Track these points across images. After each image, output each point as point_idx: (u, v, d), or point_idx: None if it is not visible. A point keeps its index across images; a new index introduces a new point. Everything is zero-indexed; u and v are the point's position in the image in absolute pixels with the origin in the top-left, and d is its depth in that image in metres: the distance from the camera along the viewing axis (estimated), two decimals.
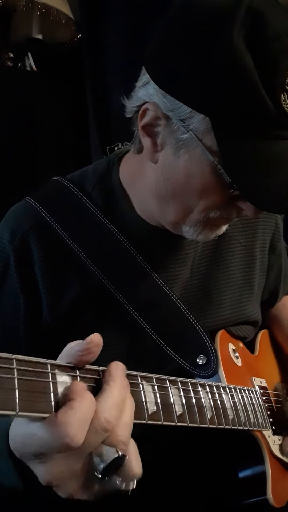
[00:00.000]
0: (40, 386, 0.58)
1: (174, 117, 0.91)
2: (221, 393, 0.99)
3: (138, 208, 1.09)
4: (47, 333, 1.07)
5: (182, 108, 0.89)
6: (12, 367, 0.55)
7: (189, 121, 0.89)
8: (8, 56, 2.34)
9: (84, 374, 0.66)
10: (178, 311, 1.10)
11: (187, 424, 0.84)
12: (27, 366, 0.57)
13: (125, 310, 1.06)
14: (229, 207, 0.97)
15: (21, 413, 0.54)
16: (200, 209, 0.97)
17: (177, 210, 1.00)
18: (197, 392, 0.90)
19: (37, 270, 1.04)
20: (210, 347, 1.09)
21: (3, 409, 0.52)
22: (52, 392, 0.59)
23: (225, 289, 1.19)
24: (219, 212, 0.97)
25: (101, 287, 1.06)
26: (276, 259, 1.32)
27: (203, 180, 0.93)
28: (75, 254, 1.05)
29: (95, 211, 1.08)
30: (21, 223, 1.06)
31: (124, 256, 1.08)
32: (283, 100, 0.83)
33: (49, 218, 1.06)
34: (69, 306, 1.06)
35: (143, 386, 0.76)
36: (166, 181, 0.99)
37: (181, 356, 1.08)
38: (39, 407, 0.57)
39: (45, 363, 0.60)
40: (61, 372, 0.62)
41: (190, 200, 0.97)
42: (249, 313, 1.24)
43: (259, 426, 1.10)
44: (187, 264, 1.15)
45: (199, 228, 1.00)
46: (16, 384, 0.55)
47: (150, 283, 1.09)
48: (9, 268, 1.06)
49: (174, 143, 0.94)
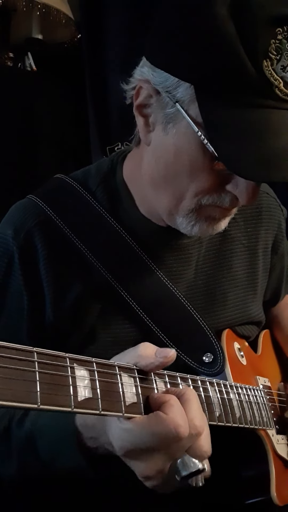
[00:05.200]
0: (60, 380, 0.58)
1: (163, 90, 0.92)
2: (229, 391, 0.99)
3: (141, 206, 1.09)
4: (51, 330, 1.06)
5: (169, 79, 0.90)
6: (34, 360, 0.55)
7: (175, 92, 0.90)
8: (8, 56, 2.34)
9: (100, 369, 0.66)
10: (183, 309, 1.10)
11: None
12: (47, 359, 0.57)
13: (130, 308, 1.06)
14: (221, 193, 0.95)
15: (42, 406, 0.55)
16: (192, 194, 0.96)
17: (169, 196, 0.99)
18: (206, 389, 0.91)
19: (41, 268, 1.04)
20: (217, 345, 1.09)
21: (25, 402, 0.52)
22: (71, 385, 0.59)
23: (230, 290, 1.19)
24: (211, 198, 0.96)
25: (106, 285, 1.06)
26: (278, 259, 1.32)
27: (190, 156, 0.92)
28: (79, 252, 1.05)
29: (99, 209, 1.08)
30: (25, 220, 1.05)
31: (129, 254, 1.08)
32: (266, 67, 0.82)
33: (54, 215, 1.06)
34: (73, 303, 1.05)
35: (156, 383, 0.76)
36: (157, 162, 0.99)
37: (186, 353, 1.08)
38: (59, 401, 0.57)
39: (64, 356, 0.61)
40: (79, 366, 0.62)
41: (181, 183, 0.96)
42: (253, 314, 1.24)
43: (264, 425, 1.10)
44: (191, 265, 1.14)
45: (192, 218, 0.99)
46: (37, 377, 0.55)
47: (155, 280, 1.09)
48: (13, 265, 1.05)
49: (163, 119, 0.94)
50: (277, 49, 0.82)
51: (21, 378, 0.53)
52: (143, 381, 0.75)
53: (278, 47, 0.82)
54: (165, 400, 0.75)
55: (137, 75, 0.98)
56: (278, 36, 0.82)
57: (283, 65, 0.82)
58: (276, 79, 0.82)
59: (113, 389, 0.68)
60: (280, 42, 0.82)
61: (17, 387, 0.52)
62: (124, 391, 0.70)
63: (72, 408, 0.59)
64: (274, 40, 0.82)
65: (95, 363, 0.66)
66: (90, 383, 0.64)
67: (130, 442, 0.73)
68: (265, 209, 1.26)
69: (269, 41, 0.82)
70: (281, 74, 0.82)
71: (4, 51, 2.33)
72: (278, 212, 1.30)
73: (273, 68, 0.82)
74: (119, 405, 0.69)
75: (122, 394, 0.70)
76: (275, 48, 0.82)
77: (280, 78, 0.82)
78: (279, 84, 0.83)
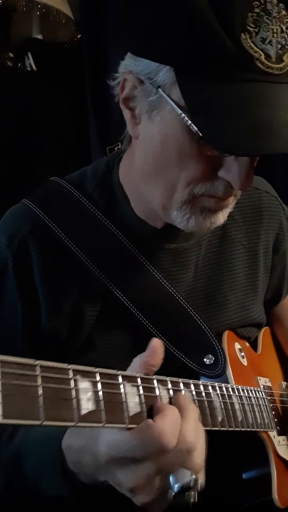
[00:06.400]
0: (63, 394, 0.58)
1: (145, 78, 0.91)
2: (231, 395, 0.99)
3: (136, 207, 1.08)
4: (47, 338, 1.05)
5: (150, 65, 0.89)
6: (36, 374, 0.55)
7: (156, 77, 0.89)
8: (8, 56, 2.34)
9: (103, 380, 0.66)
10: (183, 311, 1.09)
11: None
12: (50, 372, 0.57)
13: (129, 312, 1.05)
14: (213, 180, 0.93)
15: (46, 422, 0.54)
16: (183, 184, 0.94)
17: (161, 189, 0.97)
18: (208, 394, 0.91)
19: (36, 275, 1.02)
20: (218, 347, 1.09)
21: (28, 419, 0.52)
22: (75, 398, 0.59)
23: (230, 293, 1.19)
24: (203, 187, 0.93)
25: (103, 290, 1.05)
26: (279, 259, 1.31)
27: (177, 142, 0.90)
28: (75, 257, 1.03)
29: (96, 213, 1.07)
30: (19, 226, 1.04)
31: (126, 257, 1.07)
32: (244, 40, 0.80)
33: (48, 220, 1.04)
34: (70, 310, 1.04)
35: (159, 390, 0.76)
36: (146, 153, 0.97)
37: (187, 355, 1.07)
38: (63, 416, 0.57)
39: (67, 368, 0.61)
40: (82, 378, 0.62)
41: (171, 173, 0.94)
42: (254, 316, 1.23)
43: (265, 427, 1.10)
44: (190, 268, 1.14)
45: (186, 210, 0.96)
46: (40, 392, 0.54)
47: (153, 283, 1.08)
48: (6, 273, 1.03)
49: (148, 107, 0.93)
50: (255, 22, 0.81)
51: (24, 394, 0.52)
52: (146, 390, 0.74)
53: (256, 20, 0.81)
54: (163, 410, 0.74)
55: (121, 69, 0.97)
56: (255, 9, 0.81)
57: (262, 38, 0.81)
58: (256, 52, 0.81)
59: (116, 400, 0.68)
60: (258, 14, 0.81)
61: (20, 403, 0.51)
62: (128, 401, 0.70)
63: (76, 423, 0.59)
64: (251, 14, 0.81)
65: (98, 374, 0.66)
66: (93, 395, 0.64)
67: (117, 449, 0.71)
68: (265, 209, 1.25)
69: (246, 14, 0.80)
70: (261, 46, 0.81)
71: (4, 51, 2.33)
72: (280, 211, 1.29)
73: (253, 41, 0.80)
74: (123, 416, 0.68)
75: (125, 404, 0.69)
76: (252, 21, 0.81)
77: (261, 50, 0.81)
78: (260, 56, 0.81)
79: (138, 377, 0.75)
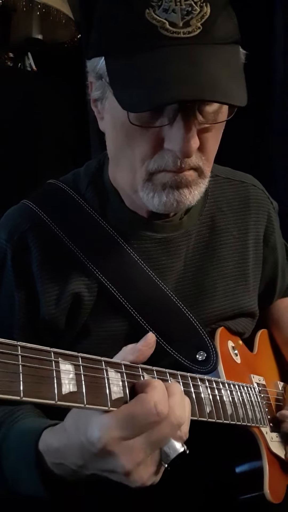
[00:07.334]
0: (43, 373, 0.59)
1: (94, 75, 0.98)
2: (220, 388, 1.00)
3: (126, 200, 1.11)
4: (44, 329, 1.08)
5: (94, 62, 0.96)
6: (17, 354, 0.56)
7: (98, 70, 0.96)
8: (8, 56, 2.35)
9: (86, 364, 0.66)
10: (173, 306, 1.11)
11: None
12: (31, 353, 0.58)
13: (122, 306, 1.08)
14: (162, 154, 0.95)
15: (25, 398, 0.55)
16: (138, 163, 0.97)
17: (126, 172, 1.01)
18: (196, 386, 0.91)
19: (34, 268, 1.06)
20: (210, 343, 1.10)
21: (8, 394, 0.53)
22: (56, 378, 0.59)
23: (219, 281, 1.20)
24: (156, 163, 0.95)
25: (98, 284, 1.08)
26: (270, 252, 1.32)
27: (122, 123, 0.94)
28: (72, 253, 1.07)
29: (89, 211, 1.11)
30: (19, 223, 1.08)
31: (118, 252, 1.10)
32: (148, 13, 0.87)
33: (47, 218, 1.09)
34: (67, 304, 1.07)
35: (144, 378, 0.77)
36: (108, 142, 1.03)
37: (179, 352, 1.09)
38: (43, 394, 0.58)
39: (49, 351, 0.61)
40: (64, 360, 0.63)
41: (127, 155, 0.98)
42: (244, 304, 1.24)
43: (257, 423, 1.10)
44: (180, 257, 1.16)
45: (149, 189, 0.98)
46: (21, 370, 0.55)
47: (143, 277, 1.10)
48: (5, 267, 1.07)
49: (101, 100, 0.99)
50: None
51: (4, 370, 0.53)
52: (130, 377, 0.75)
53: None
54: (150, 383, 0.74)
55: (88, 75, 1.03)
56: None
57: (165, 8, 0.87)
58: (159, 21, 0.87)
59: (99, 384, 0.68)
60: None
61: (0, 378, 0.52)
62: (110, 386, 0.70)
63: (56, 401, 0.59)
64: None
65: (80, 358, 0.66)
66: (75, 377, 0.64)
67: (111, 428, 0.71)
68: (252, 200, 1.27)
69: None
70: (164, 16, 0.87)
71: (4, 51, 2.34)
72: (267, 204, 1.31)
73: (156, 13, 0.87)
74: (105, 399, 0.68)
75: (108, 388, 0.70)
76: None
77: (164, 19, 0.87)
78: (164, 24, 0.87)
79: (123, 364, 0.75)
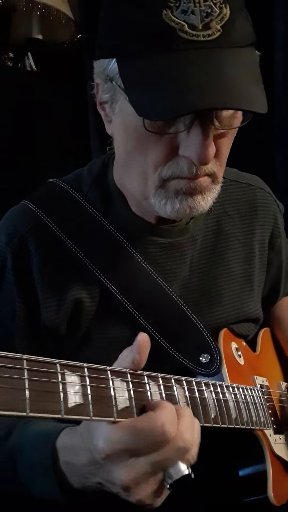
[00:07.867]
0: (49, 387, 0.59)
1: (103, 77, 0.95)
2: (225, 392, 0.99)
3: (132, 204, 1.09)
4: (45, 335, 1.06)
5: (103, 64, 0.93)
6: (22, 368, 0.55)
7: (108, 72, 0.92)
8: (8, 56, 2.35)
9: (92, 374, 0.66)
10: (178, 309, 1.10)
11: None
12: (36, 366, 0.57)
13: (125, 309, 1.06)
14: (177, 161, 0.93)
15: (31, 414, 0.55)
16: (151, 169, 0.95)
17: (137, 179, 0.98)
18: (201, 391, 0.91)
19: (35, 272, 1.04)
20: (213, 346, 1.09)
21: (14, 410, 0.53)
22: (62, 393, 0.59)
23: (225, 287, 1.19)
24: (169, 169, 0.93)
25: (100, 287, 1.06)
26: (275, 255, 1.31)
27: (135, 128, 0.92)
28: (74, 255, 1.05)
29: (92, 212, 1.09)
30: (19, 225, 1.06)
31: (122, 255, 1.08)
32: (166, 15, 0.83)
33: (47, 220, 1.06)
34: (69, 307, 1.05)
35: (149, 386, 0.76)
36: (118, 147, 1.00)
37: (183, 354, 1.08)
38: (49, 408, 0.57)
39: (54, 362, 0.61)
40: (70, 372, 0.62)
41: (139, 161, 0.95)
42: (250, 310, 1.24)
43: (261, 425, 1.10)
44: (186, 263, 1.14)
45: (161, 196, 0.97)
46: (27, 385, 0.55)
47: (149, 281, 1.09)
48: (5, 270, 1.05)
49: (110, 102, 0.96)
50: None
51: (10, 386, 0.53)
52: (136, 385, 0.75)
53: None
54: (160, 404, 0.74)
55: (94, 76, 1.00)
56: None
57: (183, 10, 0.84)
58: (178, 23, 0.84)
59: (104, 394, 0.68)
60: None
61: (6, 395, 0.52)
62: (116, 396, 0.70)
63: (63, 415, 0.59)
64: None
65: (86, 369, 0.66)
66: (81, 389, 0.64)
67: (114, 442, 0.71)
68: (260, 204, 1.25)
69: None
70: (183, 18, 0.84)
71: (4, 51, 2.34)
72: (274, 207, 1.29)
73: (174, 15, 0.83)
74: (111, 410, 0.68)
75: (114, 399, 0.69)
76: None
77: (183, 21, 0.84)
78: (182, 27, 0.84)
79: (128, 373, 0.75)
